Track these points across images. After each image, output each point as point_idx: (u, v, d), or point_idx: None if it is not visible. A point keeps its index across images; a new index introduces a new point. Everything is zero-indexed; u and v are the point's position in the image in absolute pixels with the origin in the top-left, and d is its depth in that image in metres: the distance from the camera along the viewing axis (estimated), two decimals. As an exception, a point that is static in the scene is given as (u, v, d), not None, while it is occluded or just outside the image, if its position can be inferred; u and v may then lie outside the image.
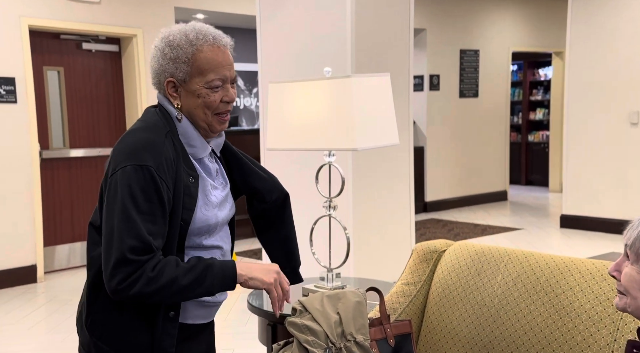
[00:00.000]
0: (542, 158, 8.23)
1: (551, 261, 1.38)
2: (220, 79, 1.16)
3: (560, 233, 5.36)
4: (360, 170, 3.24)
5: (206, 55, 1.14)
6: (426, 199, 6.55)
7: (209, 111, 1.17)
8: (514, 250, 1.47)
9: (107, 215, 1.08)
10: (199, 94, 1.15)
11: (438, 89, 6.53)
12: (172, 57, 1.15)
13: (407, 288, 1.57)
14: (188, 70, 1.14)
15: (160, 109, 1.19)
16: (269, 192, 1.32)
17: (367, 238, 3.28)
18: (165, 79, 1.16)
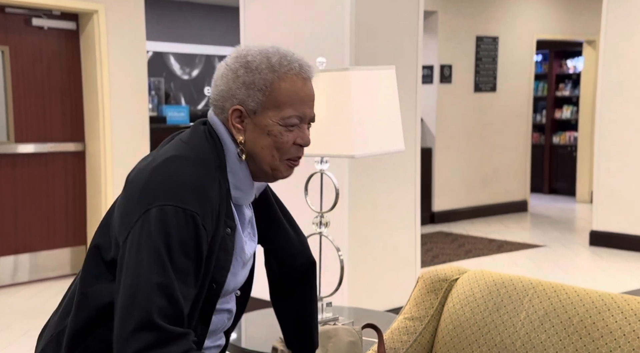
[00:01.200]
0: (568, 163, 8.22)
1: (586, 297, 1.32)
2: (298, 117, 1.12)
3: (589, 252, 5.33)
4: (358, 178, 3.19)
5: (288, 85, 1.10)
6: (434, 209, 6.51)
7: (278, 154, 1.12)
8: (541, 281, 1.41)
9: (133, 261, 1.00)
10: (269, 131, 1.10)
11: (450, 82, 6.50)
12: (246, 82, 1.10)
13: (411, 323, 1.51)
14: (262, 100, 1.10)
15: (210, 132, 1.12)
16: (292, 255, 1.28)
17: (365, 258, 3.23)
18: (232, 105, 1.11)
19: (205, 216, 1.03)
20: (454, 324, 1.45)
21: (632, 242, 5.16)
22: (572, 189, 8.05)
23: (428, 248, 5.43)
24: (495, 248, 5.44)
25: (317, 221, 1.78)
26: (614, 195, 5.27)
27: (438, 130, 6.48)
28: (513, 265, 4.88)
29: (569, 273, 4.70)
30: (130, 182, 1.08)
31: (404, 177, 3.40)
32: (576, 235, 5.98)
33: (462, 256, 5.17)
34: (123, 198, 1.08)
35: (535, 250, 5.40)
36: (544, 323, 1.32)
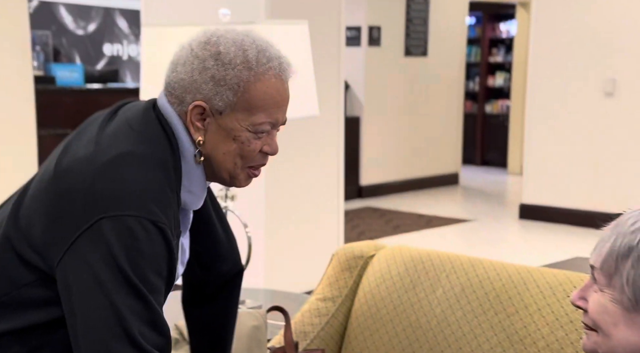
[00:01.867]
0: (501, 133, 8.53)
1: (503, 271, 1.37)
2: (270, 123, 1.05)
3: (518, 226, 5.59)
4: (275, 146, 3.16)
5: (265, 88, 1.02)
6: (361, 183, 6.60)
7: (241, 162, 1.05)
8: (459, 256, 1.45)
9: (89, 290, 0.91)
10: (236, 136, 1.03)
11: (379, 45, 6.54)
12: (215, 77, 1.01)
13: (323, 305, 1.52)
14: (233, 101, 1.02)
15: (161, 122, 1.03)
16: (219, 260, 1.22)
17: (283, 236, 3.23)
18: (195, 100, 1.02)
19: (170, 227, 0.97)
20: (369, 304, 1.48)
21: (561, 215, 5.45)
22: (504, 161, 8.38)
23: (354, 225, 5.51)
24: (425, 223, 5.60)
25: (222, 195, 1.75)
26: (544, 167, 5.52)
27: (366, 97, 6.53)
28: (441, 241, 5.04)
29: (496, 248, 4.91)
30: (64, 176, 0.97)
31: (326, 147, 3.41)
32: (506, 208, 6.25)
33: (390, 232, 5.29)
34: (52, 194, 0.97)
35: (464, 224, 5.61)
36: (460, 300, 1.37)
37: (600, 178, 5.26)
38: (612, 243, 0.87)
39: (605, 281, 0.88)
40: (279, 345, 1.35)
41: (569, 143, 5.39)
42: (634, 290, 0.85)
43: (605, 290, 0.88)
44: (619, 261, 0.86)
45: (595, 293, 0.90)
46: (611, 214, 0.98)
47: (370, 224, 5.59)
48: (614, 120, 5.18)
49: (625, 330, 0.85)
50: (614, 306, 0.87)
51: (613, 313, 0.87)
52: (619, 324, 0.86)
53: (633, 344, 0.85)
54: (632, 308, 0.85)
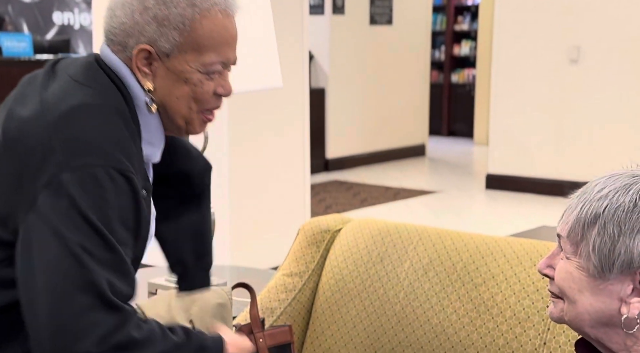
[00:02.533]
0: (467, 103, 8.61)
1: (470, 242, 1.39)
2: (222, 63, 1.02)
3: (485, 196, 5.68)
4: (238, 122, 3.14)
5: (212, 25, 0.99)
6: (327, 156, 6.61)
7: (196, 106, 1.02)
8: (426, 228, 1.46)
9: (51, 243, 0.87)
10: (187, 78, 1.00)
11: (343, 13, 6.50)
12: (158, 16, 0.97)
13: (289, 280, 1.52)
14: (179, 41, 0.98)
15: (107, 72, 0.99)
16: (191, 162, 1.21)
17: (248, 212, 3.22)
18: (138, 44, 0.98)
19: (137, 178, 0.95)
20: (336, 278, 1.48)
21: (527, 184, 5.55)
22: (470, 131, 8.48)
23: (321, 198, 5.52)
24: (392, 195, 5.65)
25: (184, 171, 1.73)
26: (509, 137, 5.60)
27: (331, 68, 6.50)
28: (409, 213, 5.10)
29: (463, 219, 4.99)
30: (16, 141, 0.93)
31: (291, 120, 3.39)
32: (473, 178, 6.34)
33: (357, 205, 5.33)
34: (5, 162, 0.94)
35: (431, 195, 5.67)
36: (427, 272, 1.38)
37: (566, 147, 5.36)
38: (578, 211, 0.88)
39: (571, 249, 0.90)
40: (245, 322, 1.35)
41: (534, 112, 5.47)
42: (600, 256, 0.86)
43: (571, 258, 0.90)
44: (586, 228, 0.87)
45: (561, 260, 0.92)
46: (577, 182, 1.00)
47: (337, 197, 5.62)
48: (579, 87, 5.27)
49: (590, 296, 0.87)
50: (580, 273, 0.88)
51: (579, 280, 0.89)
52: (584, 291, 0.88)
53: (598, 310, 0.87)
54: (598, 275, 0.87)
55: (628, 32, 5.05)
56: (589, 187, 0.90)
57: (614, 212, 0.86)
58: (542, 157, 5.48)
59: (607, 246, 0.85)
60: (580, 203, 0.89)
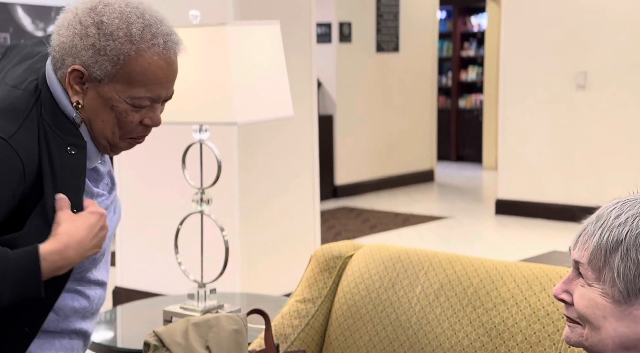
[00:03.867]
0: (475, 128, 8.65)
1: (481, 266, 1.42)
2: (150, 99, 1.08)
3: (495, 222, 5.69)
4: (248, 150, 3.18)
5: (146, 64, 1.05)
6: (336, 183, 6.64)
7: (119, 132, 1.09)
8: (437, 253, 1.49)
9: None
10: (114, 106, 1.07)
11: (350, 41, 6.59)
12: (95, 45, 1.04)
13: (302, 306, 1.55)
14: (112, 71, 1.05)
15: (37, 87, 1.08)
16: None
17: (258, 239, 3.25)
18: (73, 64, 1.06)
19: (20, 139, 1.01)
20: (349, 304, 1.51)
21: (537, 209, 5.56)
22: (479, 156, 8.50)
23: (330, 225, 5.55)
24: (401, 221, 5.67)
25: (197, 198, 1.77)
26: (519, 161, 5.63)
27: (339, 95, 6.57)
28: (418, 239, 5.11)
29: (473, 244, 4.99)
30: None
31: (300, 147, 3.43)
32: (482, 204, 6.35)
33: (367, 231, 5.34)
34: None
35: (441, 221, 5.69)
36: (439, 297, 1.41)
37: (575, 171, 5.38)
38: (598, 237, 0.90)
39: (593, 276, 0.91)
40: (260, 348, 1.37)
41: (543, 137, 5.50)
42: (625, 282, 0.88)
43: (594, 285, 0.91)
44: (608, 255, 0.89)
45: (582, 287, 0.93)
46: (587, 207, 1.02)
47: (346, 224, 5.64)
48: (587, 113, 5.31)
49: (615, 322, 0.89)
50: (604, 299, 0.90)
51: (602, 306, 0.90)
52: (609, 317, 0.90)
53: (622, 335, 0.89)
54: (623, 301, 0.89)
55: (635, 58, 5.10)
56: (604, 213, 0.92)
57: (635, 237, 0.88)
58: (551, 182, 5.49)
59: (632, 271, 0.87)
60: (599, 230, 0.91)
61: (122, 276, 3.47)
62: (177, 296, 1.91)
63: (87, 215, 1.06)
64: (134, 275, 3.43)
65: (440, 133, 8.09)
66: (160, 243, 3.27)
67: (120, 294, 3.41)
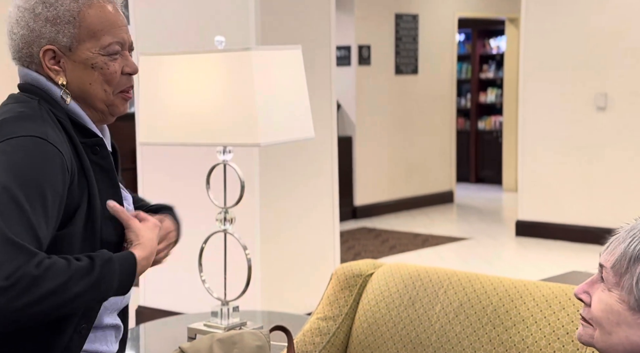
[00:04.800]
0: (494, 149, 8.64)
1: (500, 285, 1.43)
2: (118, 43, 1.15)
3: (515, 243, 5.66)
4: (269, 170, 3.23)
5: (97, 12, 1.13)
6: (355, 204, 6.66)
7: (109, 87, 1.16)
8: (456, 271, 1.51)
9: None
10: (93, 63, 1.14)
11: (369, 64, 6.66)
12: (49, 17, 1.11)
13: (324, 324, 1.57)
14: (75, 32, 1.12)
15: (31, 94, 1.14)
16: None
17: (279, 259, 3.27)
18: (42, 47, 1.12)
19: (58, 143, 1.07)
20: (369, 322, 1.53)
21: (557, 231, 5.52)
22: (498, 178, 8.48)
23: (350, 246, 5.56)
24: (420, 242, 5.66)
25: (221, 218, 1.81)
26: (539, 183, 5.61)
27: (358, 117, 6.62)
28: (438, 260, 5.10)
29: (493, 266, 4.97)
30: None
31: (320, 168, 3.47)
32: (502, 225, 6.32)
33: (386, 252, 5.34)
34: None
35: (460, 242, 5.67)
36: (458, 315, 1.42)
37: (596, 193, 5.35)
38: (626, 245, 0.93)
39: (614, 281, 0.94)
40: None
41: (563, 158, 5.48)
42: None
43: (612, 290, 0.94)
44: (631, 263, 0.92)
45: (602, 291, 0.96)
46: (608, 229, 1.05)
47: (366, 245, 5.64)
48: (607, 134, 5.29)
49: (627, 329, 0.91)
50: (620, 306, 0.92)
51: (617, 312, 0.93)
52: (622, 324, 0.92)
53: (634, 342, 0.91)
54: (638, 308, 0.91)
55: (654, 78, 5.09)
56: (638, 224, 0.95)
57: None
58: (572, 203, 5.46)
59: None
60: (629, 237, 0.93)
61: (145, 295, 3.51)
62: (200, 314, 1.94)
63: (153, 227, 1.16)
64: (157, 294, 3.47)
65: (459, 155, 8.08)
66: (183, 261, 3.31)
67: (143, 313, 3.44)
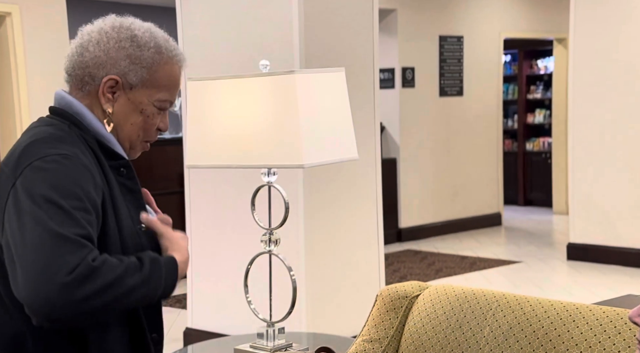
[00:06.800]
0: (544, 171, 8.47)
1: (551, 308, 1.39)
2: (170, 102, 1.25)
3: (567, 267, 5.50)
4: (313, 192, 3.24)
5: (169, 69, 1.23)
6: (400, 226, 6.61)
7: (142, 134, 1.25)
8: (505, 294, 1.48)
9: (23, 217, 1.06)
10: (143, 109, 1.22)
11: (413, 86, 6.65)
12: (131, 55, 1.20)
13: (369, 346, 1.55)
14: (145, 77, 1.21)
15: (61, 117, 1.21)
16: None
17: (324, 280, 3.26)
18: (109, 74, 1.19)
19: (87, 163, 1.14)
20: (416, 344, 1.51)
21: (610, 254, 5.35)
22: (548, 200, 8.29)
23: (395, 269, 5.50)
24: (468, 265, 5.56)
25: (266, 239, 1.82)
26: (591, 205, 5.46)
27: (402, 139, 6.60)
28: (486, 283, 5.00)
29: (544, 290, 4.84)
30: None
31: (364, 190, 3.46)
32: (553, 248, 6.16)
33: (432, 275, 5.27)
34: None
35: (510, 266, 5.55)
36: (508, 339, 1.39)
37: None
38: None
39: None
40: (328, 387, 1.38)
41: (615, 179, 5.34)
42: None
43: None
44: None
45: None
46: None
47: (411, 267, 5.58)
48: (661, 154, 5.13)
49: None
50: None
51: None
52: None
53: None
54: None
55: None
56: None
57: None
58: (626, 226, 5.30)
59: None
60: None
61: (192, 317, 3.54)
62: (246, 336, 1.94)
63: (184, 236, 1.23)
64: (204, 316, 3.50)
65: (506, 177, 7.96)
66: (229, 283, 3.34)
67: (191, 335, 3.47)
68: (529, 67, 8.99)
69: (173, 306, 4.53)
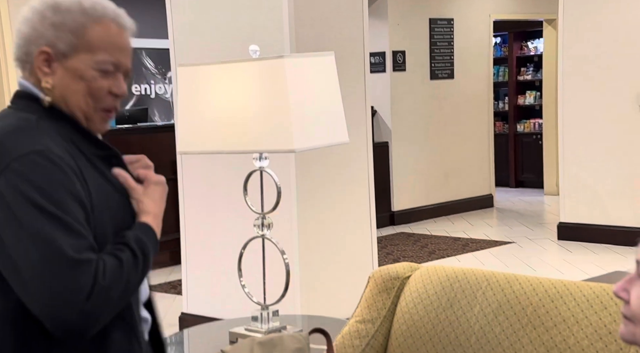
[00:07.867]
0: (535, 152, 8.50)
1: (539, 286, 1.42)
2: (113, 63, 1.17)
3: (557, 247, 5.56)
4: (305, 176, 3.25)
5: (102, 30, 1.16)
6: (393, 209, 6.64)
7: (92, 101, 1.17)
8: (494, 272, 1.50)
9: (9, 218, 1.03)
10: (82, 75, 1.15)
11: (404, 69, 6.64)
12: (54, 22, 1.14)
13: (362, 326, 1.58)
14: (74, 42, 1.15)
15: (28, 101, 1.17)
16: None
17: (317, 263, 3.29)
18: (38, 48, 1.15)
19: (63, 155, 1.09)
20: (408, 324, 1.53)
21: (601, 233, 5.40)
22: (539, 181, 8.34)
23: (388, 252, 5.54)
24: (460, 247, 5.61)
25: (259, 223, 1.83)
26: (581, 185, 5.50)
27: (394, 122, 6.61)
28: (479, 264, 5.04)
29: (536, 269, 4.89)
30: None
31: (356, 173, 3.48)
32: (544, 229, 6.21)
33: (425, 258, 5.31)
34: None
35: (502, 247, 5.59)
36: (497, 316, 1.41)
37: (638, 195, 5.22)
38: None
39: None
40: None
41: (605, 159, 5.37)
42: None
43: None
44: None
45: (639, 287, 0.95)
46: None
47: (404, 250, 5.62)
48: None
49: None
50: None
51: None
52: None
53: None
54: None
55: (699, 75, 4.95)
56: None
57: None
58: (615, 205, 5.34)
59: None
60: None
61: (187, 303, 3.57)
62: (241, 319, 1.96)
63: (155, 188, 1.19)
64: (199, 301, 3.53)
65: (498, 158, 7.98)
66: (223, 268, 3.36)
67: (186, 320, 3.50)
68: (519, 49, 8.99)
69: (168, 293, 4.55)
